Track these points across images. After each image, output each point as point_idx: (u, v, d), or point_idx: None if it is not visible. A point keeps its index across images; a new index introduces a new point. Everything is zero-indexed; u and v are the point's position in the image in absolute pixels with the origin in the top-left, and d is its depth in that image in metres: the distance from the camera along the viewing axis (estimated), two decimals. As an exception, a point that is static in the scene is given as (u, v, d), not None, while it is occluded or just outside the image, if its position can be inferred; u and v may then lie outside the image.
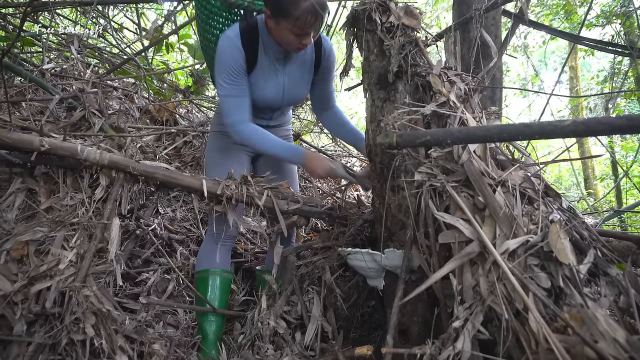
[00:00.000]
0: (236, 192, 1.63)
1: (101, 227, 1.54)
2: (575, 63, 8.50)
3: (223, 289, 1.75)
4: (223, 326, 1.75)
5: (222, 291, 1.74)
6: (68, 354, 1.34)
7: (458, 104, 1.29)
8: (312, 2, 1.39)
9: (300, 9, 1.40)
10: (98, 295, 1.40)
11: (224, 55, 1.56)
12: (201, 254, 1.78)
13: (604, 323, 0.83)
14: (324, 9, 1.44)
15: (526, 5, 1.76)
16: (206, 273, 1.73)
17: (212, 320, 1.69)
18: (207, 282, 1.72)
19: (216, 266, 1.73)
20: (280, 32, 1.50)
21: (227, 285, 1.77)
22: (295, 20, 1.42)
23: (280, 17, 1.45)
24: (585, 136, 1.04)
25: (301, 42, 1.50)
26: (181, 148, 2.90)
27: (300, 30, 1.45)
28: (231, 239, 1.80)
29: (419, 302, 1.34)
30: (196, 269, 1.78)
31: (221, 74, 1.58)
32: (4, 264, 1.38)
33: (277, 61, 1.66)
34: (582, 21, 2.82)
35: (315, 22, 1.44)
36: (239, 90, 1.60)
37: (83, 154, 1.56)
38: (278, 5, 1.43)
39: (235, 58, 1.56)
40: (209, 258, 1.74)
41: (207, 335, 1.66)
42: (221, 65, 1.58)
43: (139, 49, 3.72)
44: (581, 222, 1.14)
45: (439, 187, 1.17)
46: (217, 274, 1.73)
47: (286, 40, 1.51)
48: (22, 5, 2.91)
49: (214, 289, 1.72)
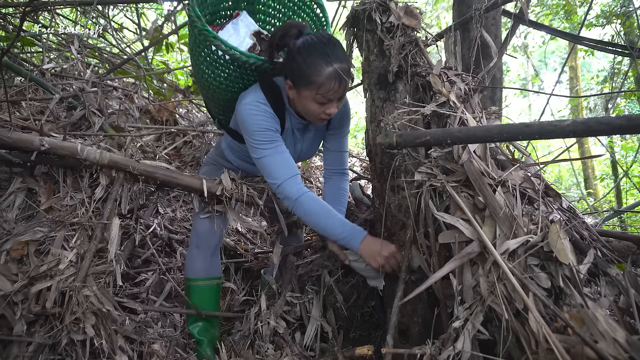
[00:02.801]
0: (236, 192, 1.63)
1: (101, 227, 1.54)
2: (575, 63, 8.49)
3: (209, 296, 1.73)
4: (216, 330, 1.74)
5: (208, 299, 1.72)
6: (68, 354, 1.34)
7: (458, 104, 1.29)
8: (335, 68, 1.32)
9: (322, 75, 1.32)
10: (98, 295, 1.40)
11: (257, 121, 1.44)
12: (186, 262, 1.75)
13: (603, 323, 0.83)
14: (348, 74, 1.37)
15: (526, 5, 1.76)
16: (190, 282, 1.72)
17: (199, 326, 1.68)
18: (192, 290, 1.71)
19: (200, 275, 1.71)
20: (303, 102, 1.41)
21: (212, 292, 1.74)
22: (318, 88, 1.34)
23: (302, 86, 1.37)
24: (585, 136, 1.04)
25: (325, 111, 1.40)
26: (181, 148, 2.90)
27: (324, 98, 1.36)
28: (215, 244, 1.75)
29: (419, 302, 1.34)
30: (184, 275, 1.77)
31: (256, 137, 1.45)
32: (4, 264, 1.38)
33: (297, 130, 1.60)
34: (582, 21, 2.82)
35: (339, 88, 1.36)
36: (279, 147, 1.47)
37: (83, 154, 1.56)
38: (299, 74, 1.35)
39: (270, 123, 1.46)
40: (192, 266, 1.72)
41: (200, 340, 1.66)
42: (255, 130, 1.44)
43: (139, 49, 3.72)
44: (581, 222, 1.14)
45: (439, 187, 1.17)
46: (199, 282, 1.71)
47: (309, 110, 1.42)
48: (22, 5, 2.91)
49: (200, 298, 1.70)
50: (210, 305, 1.73)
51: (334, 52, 1.34)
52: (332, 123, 1.66)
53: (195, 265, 1.71)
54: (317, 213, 1.44)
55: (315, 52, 1.33)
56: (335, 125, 1.67)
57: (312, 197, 1.45)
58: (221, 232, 1.74)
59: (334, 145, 1.71)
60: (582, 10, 6.38)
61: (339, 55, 1.35)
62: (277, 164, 1.46)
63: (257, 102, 1.45)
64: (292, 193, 1.43)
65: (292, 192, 1.43)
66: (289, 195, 1.44)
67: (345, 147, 1.73)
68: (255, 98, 1.46)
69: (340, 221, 1.44)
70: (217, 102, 1.67)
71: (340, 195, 1.71)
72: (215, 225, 1.68)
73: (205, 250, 1.71)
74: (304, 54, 1.34)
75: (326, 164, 1.75)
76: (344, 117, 1.67)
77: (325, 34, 1.41)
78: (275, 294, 1.70)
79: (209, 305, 1.72)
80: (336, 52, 1.34)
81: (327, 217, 1.43)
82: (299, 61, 1.35)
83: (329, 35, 1.42)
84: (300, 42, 1.37)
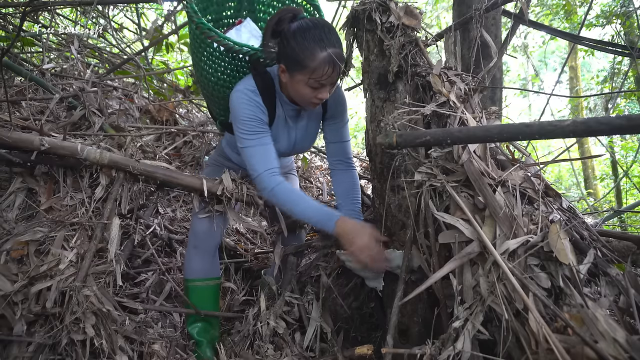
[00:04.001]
0: (236, 191, 1.63)
1: (101, 227, 1.54)
2: (575, 63, 8.49)
3: (208, 297, 1.72)
4: (216, 330, 1.74)
5: (207, 299, 1.72)
6: (68, 354, 1.34)
7: (458, 104, 1.29)
8: (329, 52, 1.32)
9: (316, 60, 1.32)
10: (98, 295, 1.40)
11: (244, 110, 1.46)
12: (185, 262, 1.74)
13: (603, 323, 0.84)
14: (341, 59, 1.38)
15: (526, 6, 1.76)
16: (189, 282, 1.71)
17: (198, 327, 1.68)
18: (191, 290, 1.70)
19: (198, 275, 1.70)
20: (295, 86, 1.41)
21: (211, 293, 1.74)
22: (311, 72, 1.34)
23: (295, 70, 1.37)
24: (585, 136, 1.04)
25: (317, 95, 1.41)
26: (181, 148, 2.90)
27: (317, 82, 1.37)
28: (214, 245, 1.73)
29: (419, 302, 1.34)
30: (183, 276, 1.76)
31: (241, 127, 1.48)
32: (4, 264, 1.38)
33: (289, 117, 1.60)
34: (582, 21, 2.82)
35: (333, 73, 1.36)
36: (263, 139, 1.49)
37: (83, 153, 1.56)
38: (293, 57, 1.35)
39: (256, 113, 1.48)
40: (190, 267, 1.70)
41: (199, 342, 1.66)
42: (241, 119, 1.47)
43: (139, 49, 3.72)
44: (581, 222, 1.14)
45: (439, 187, 1.17)
46: (198, 283, 1.70)
47: (302, 94, 1.42)
48: (22, 5, 2.90)
49: (199, 298, 1.69)
50: (210, 305, 1.72)
51: (329, 36, 1.34)
52: (327, 112, 1.65)
53: (193, 266, 1.70)
54: (291, 200, 1.47)
55: (309, 36, 1.33)
56: (331, 114, 1.65)
57: (287, 187, 1.48)
58: (221, 232, 1.74)
59: (334, 135, 1.69)
60: (582, 10, 6.39)
61: (333, 40, 1.35)
62: (258, 156, 1.48)
63: (247, 90, 1.47)
64: (268, 184, 1.47)
65: (268, 183, 1.47)
66: (265, 187, 1.48)
67: (346, 136, 1.70)
68: (245, 86, 1.48)
69: (314, 206, 1.45)
70: (217, 101, 1.67)
71: (350, 190, 1.67)
72: (215, 225, 1.67)
73: (203, 250, 1.69)
74: (298, 37, 1.34)
75: (329, 156, 1.73)
76: (339, 104, 1.65)
77: (320, 19, 1.42)
78: (275, 295, 1.69)
79: (208, 306, 1.71)
80: (330, 37, 1.34)
81: (300, 203, 1.46)
82: (292, 45, 1.34)
83: (324, 20, 1.42)
84: (294, 26, 1.37)
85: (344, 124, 1.69)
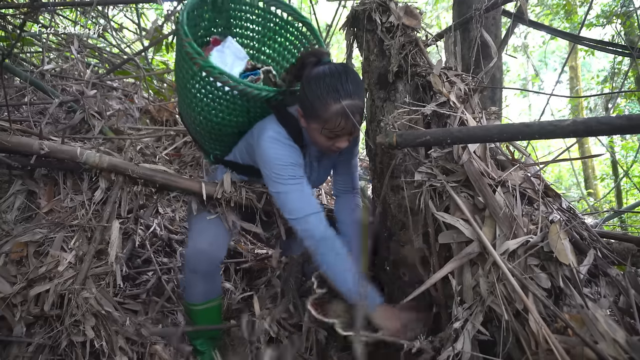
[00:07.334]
0: (235, 195, 1.62)
1: (101, 229, 1.53)
2: (575, 63, 8.49)
3: (209, 317, 1.65)
4: (218, 340, 1.73)
5: (208, 320, 1.65)
6: (68, 355, 1.34)
7: (458, 104, 1.28)
8: (342, 105, 1.25)
9: (329, 112, 1.26)
10: (97, 297, 1.40)
11: (282, 154, 1.38)
12: (185, 286, 1.64)
13: (603, 324, 0.83)
14: (358, 110, 1.30)
15: (526, 5, 1.75)
16: (190, 306, 1.64)
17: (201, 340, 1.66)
18: (192, 314, 1.65)
19: (199, 300, 1.60)
20: (311, 133, 1.36)
21: (212, 313, 1.66)
22: (324, 123, 1.29)
23: (310, 119, 1.33)
24: (585, 136, 1.04)
25: (334, 144, 1.35)
26: (181, 148, 2.89)
27: (331, 133, 1.31)
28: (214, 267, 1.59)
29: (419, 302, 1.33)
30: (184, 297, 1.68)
31: (279, 172, 1.37)
32: (4, 266, 1.38)
33: (314, 160, 1.56)
34: (582, 21, 2.82)
35: (347, 125, 1.29)
36: (303, 183, 1.40)
37: (82, 157, 1.55)
38: (308, 106, 1.31)
39: (295, 158, 1.41)
40: (190, 291, 1.61)
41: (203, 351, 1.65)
42: (280, 163, 1.37)
43: (139, 49, 3.72)
44: (581, 223, 1.14)
45: (439, 187, 1.17)
46: (199, 307, 1.61)
47: (319, 143, 1.37)
48: (22, 6, 2.90)
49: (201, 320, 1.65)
50: (212, 324, 1.68)
51: (345, 86, 1.27)
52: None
53: (192, 291, 1.60)
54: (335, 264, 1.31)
55: (323, 85, 1.27)
56: (344, 151, 1.54)
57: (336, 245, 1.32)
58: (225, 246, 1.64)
59: (344, 168, 1.65)
60: (582, 10, 6.39)
61: (350, 90, 1.27)
62: (300, 199, 1.38)
63: (279, 136, 1.40)
64: (316, 230, 1.33)
65: (317, 229, 1.33)
66: (312, 232, 1.33)
67: (355, 167, 1.66)
68: (277, 131, 1.40)
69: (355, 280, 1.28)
70: (214, 138, 1.60)
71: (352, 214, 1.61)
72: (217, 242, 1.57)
73: (202, 274, 1.56)
74: (313, 86, 1.29)
75: (336, 184, 1.68)
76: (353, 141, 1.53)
77: (341, 65, 1.34)
78: (278, 297, 1.69)
79: (211, 324, 1.68)
80: (347, 87, 1.27)
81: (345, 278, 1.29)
82: (308, 93, 1.30)
83: (345, 66, 1.34)
84: (313, 73, 1.32)
85: (354, 156, 1.65)
